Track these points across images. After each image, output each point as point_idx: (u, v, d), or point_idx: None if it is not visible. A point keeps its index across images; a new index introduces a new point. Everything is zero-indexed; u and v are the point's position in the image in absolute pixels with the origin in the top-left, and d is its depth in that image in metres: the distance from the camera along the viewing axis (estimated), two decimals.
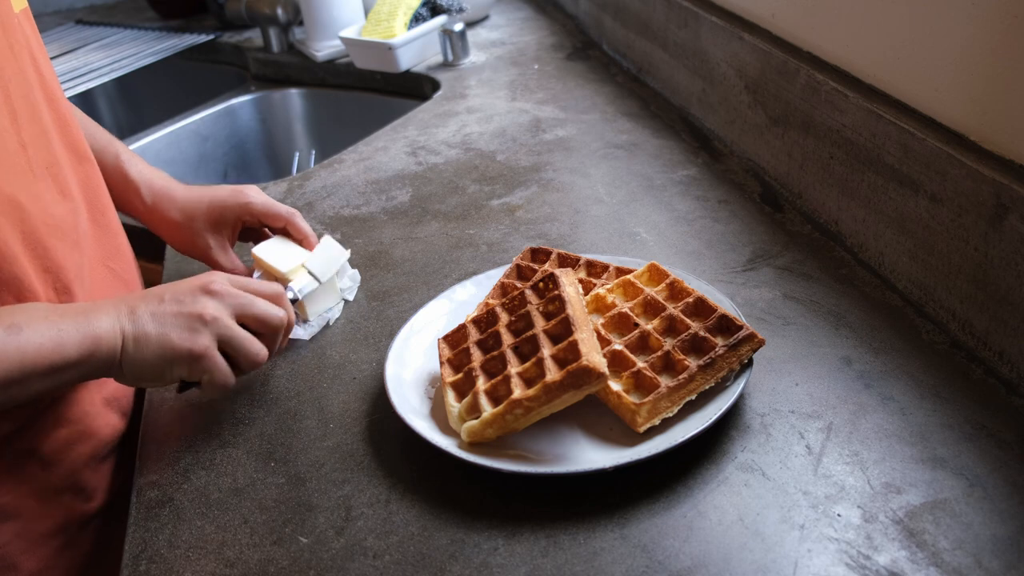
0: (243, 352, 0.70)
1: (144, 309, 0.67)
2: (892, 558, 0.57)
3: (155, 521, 0.68)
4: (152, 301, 0.68)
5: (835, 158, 0.90)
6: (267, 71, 1.78)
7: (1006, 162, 0.70)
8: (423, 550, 0.62)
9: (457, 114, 1.39)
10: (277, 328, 0.73)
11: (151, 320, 0.67)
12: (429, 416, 0.71)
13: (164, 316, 0.67)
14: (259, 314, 0.71)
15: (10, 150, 0.70)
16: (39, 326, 0.62)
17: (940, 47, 0.76)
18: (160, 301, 0.68)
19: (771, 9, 1.03)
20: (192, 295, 0.69)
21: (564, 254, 0.86)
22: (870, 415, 0.69)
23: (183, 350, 0.67)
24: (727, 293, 0.83)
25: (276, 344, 0.74)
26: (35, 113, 0.74)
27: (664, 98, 1.34)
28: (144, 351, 0.66)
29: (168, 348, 0.66)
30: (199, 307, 0.68)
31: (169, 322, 0.67)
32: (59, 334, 0.63)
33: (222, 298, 0.70)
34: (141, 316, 0.67)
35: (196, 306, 0.68)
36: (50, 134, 0.75)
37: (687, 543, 0.60)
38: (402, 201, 1.13)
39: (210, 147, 1.69)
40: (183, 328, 0.67)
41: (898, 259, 0.82)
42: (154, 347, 0.66)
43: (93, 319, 0.65)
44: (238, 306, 0.70)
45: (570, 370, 0.64)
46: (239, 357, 0.70)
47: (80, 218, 0.77)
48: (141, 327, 0.66)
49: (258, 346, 0.71)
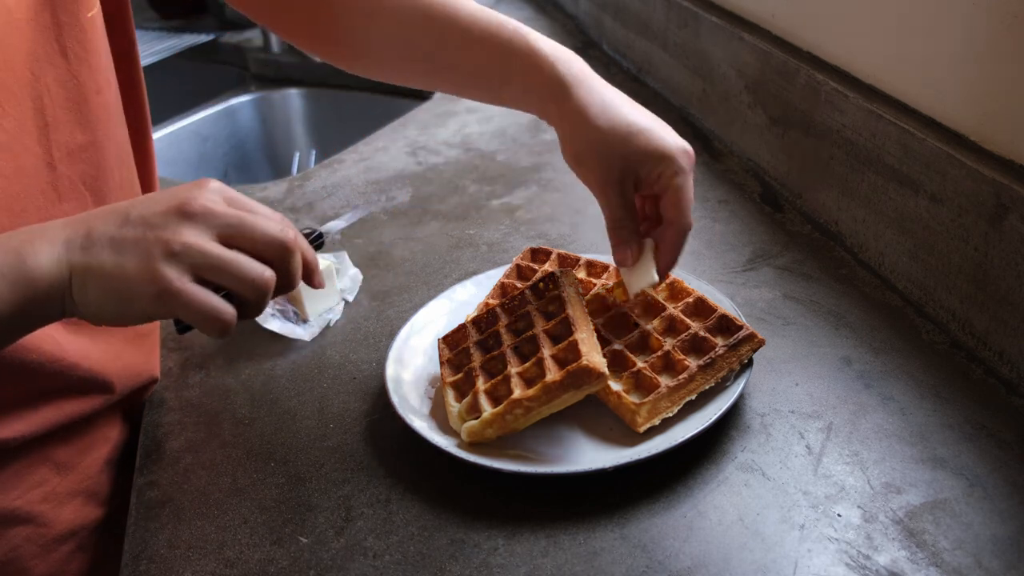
0: (236, 279, 0.54)
1: (102, 232, 0.53)
2: (892, 558, 0.57)
3: (155, 521, 0.68)
4: (113, 221, 0.54)
5: (835, 158, 0.90)
6: (267, 71, 1.78)
7: (1006, 162, 0.70)
8: (423, 550, 0.62)
9: (457, 114, 1.39)
10: (281, 245, 0.56)
11: (108, 247, 0.53)
12: (429, 416, 0.71)
13: (124, 242, 0.53)
14: (253, 233, 0.55)
15: (28, 172, 0.64)
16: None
17: (940, 47, 0.76)
18: (124, 222, 0.54)
19: (771, 9, 1.03)
20: (164, 216, 0.54)
21: (564, 254, 0.86)
22: (870, 415, 0.69)
23: (144, 286, 0.52)
24: (727, 293, 0.83)
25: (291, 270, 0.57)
26: (88, 123, 0.67)
27: (664, 98, 1.34)
28: (99, 287, 0.53)
29: (125, 284, 0.52)
30: (169, 232, 0.53)
31: (130, 250, 0.53)
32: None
33: (202, 219, 0.54)
34: (97, 241, 0.53)
35: (165, 232, 0.53)
36: (103, 144, 0.69)
37: (687, 543, 0.60)
38: (402, 201, 1.13)
39: (210, 147, 1.69)
40: (144, 258, 0.52)
41: (898, 259, 0.82)
42: (111, 282, 0.52)
43: (30, 256, 0.52)
44: (223, 227, 0.54)
45: (570, 370, 0.64)
46: (232, 287, 0.54)
47: None
48: (96, 257, 0.53)
49: (257, 268, 0.55)
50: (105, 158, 0.71)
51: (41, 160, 0.65)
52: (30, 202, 0.64)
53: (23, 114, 0.64)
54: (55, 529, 0.72)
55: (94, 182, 0.69)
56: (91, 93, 0.68)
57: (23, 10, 0.63)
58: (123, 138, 0.75)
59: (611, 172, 0.68)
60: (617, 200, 0.69)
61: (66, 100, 0.67)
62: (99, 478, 0.75)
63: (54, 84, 0.66)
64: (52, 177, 0.66)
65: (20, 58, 0.63)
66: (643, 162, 0.67)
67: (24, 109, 0.64)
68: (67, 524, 0.73)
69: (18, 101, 0.63)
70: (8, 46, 0.62)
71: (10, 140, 0.63)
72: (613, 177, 0.68)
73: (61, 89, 0.66)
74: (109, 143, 0.71)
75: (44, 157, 0.65)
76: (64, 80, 0.66)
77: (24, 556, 0.70)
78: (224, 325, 0.54)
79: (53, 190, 0.66)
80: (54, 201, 0.66)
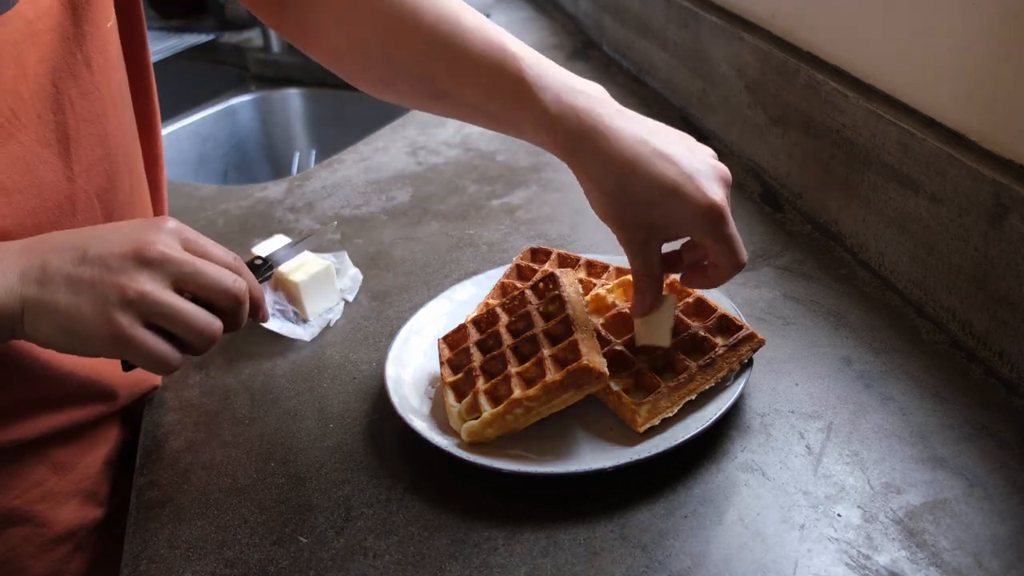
0: (186, 328, 0.55)
1: (58, 267, 0.53)
2: (892, 558, 0.57)
3: (155, 521, 0.68)
4: (70, 257, 0.54)
5: (835, 158, 0.90)
6: (267, 71, 1.78)
7: (1006, 162, 0.70)
8: (423, 550, 0.62)
9: None
10: (232, 297, 0.57)
11: (63, 285, 0.53)
12: (429, 416, 0.71)
13: (80, 282, 0.53)
14: (206, 283, 0.56)
15: (46, 186, 0.62)
16: None
17: (940, 47, 0.76)
18: (82, 259, 0.54)
19: (771, 9, 1.03)
20: (121, 260, 0.54)
21: (564, 254, 0.86)
22: (870, 415, 0.69)
23: (98, 329, 0.53)
24: (727, 293, 0.83)
25: (239, 317, 0.59)
26: (105, 135, 0.67)
27: (664, 98, 1.34)
28: (50, 323, 0.53)
29: (78, 323, 0.53)
30: (125, 278, 0.53)
31: (85, 292, 0.53)
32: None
33: (159, 266, 0.55)
34: (53, 278, 0.53)
35: (121, 277, 0.53)
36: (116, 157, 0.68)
37: (687, 543, 0.60)
38: (402, 201, 1.13)
39: (210, 147, 1.69)
40: (99, 302, 0.53)
41: (898, 259, 0.82)
42: (63, 321, 0.53)
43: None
44: (179, 275, 0.55)
45: (570, 370, 0.64)
46: (183, 335, 0.56)
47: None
48: (49, 294, 0.53)
49: (205, 319, 0.56)
50: (117, 169, 0.71)
51: (62, 175, 0.64)
52: (44, 216, 0.63)
53: (44, 128, 0.63)
54: (53, 529, 0.72)
55: (106, 195, 0.69)
56: (109, 105, 0.68)
57: (44, 20, 0.61)
58: (134, 148, 0.75)
59: (635, 237, 0.64)
60: (639, 261, 0.65)
61: (88, 113, 0.66)
62: (98, 478, 0.75)
63: (78, 97, 0.65)
64: (70, 191, 0.65)
65: (43, 70, 0.62)
66: (671, 227, 0.63)
67: (46, 122, 0.63)
68: (66, 524, 0.73)
69: (38, 114, 0.62)
70: (27, 57, 0.61)
71: (26, 153, 0.62)
72: (637, 240, 0.64)
73: (84, 101, 0.65)
74: (120, 153, 0.71)
75: (65, 172, 0.64)
76: (88, 91, 0.65)
77: (22, 556, 0.70)
78: (170, 369, 0.56)
79: (70, 204, 0.65)
80: (69, 215, 0.65)
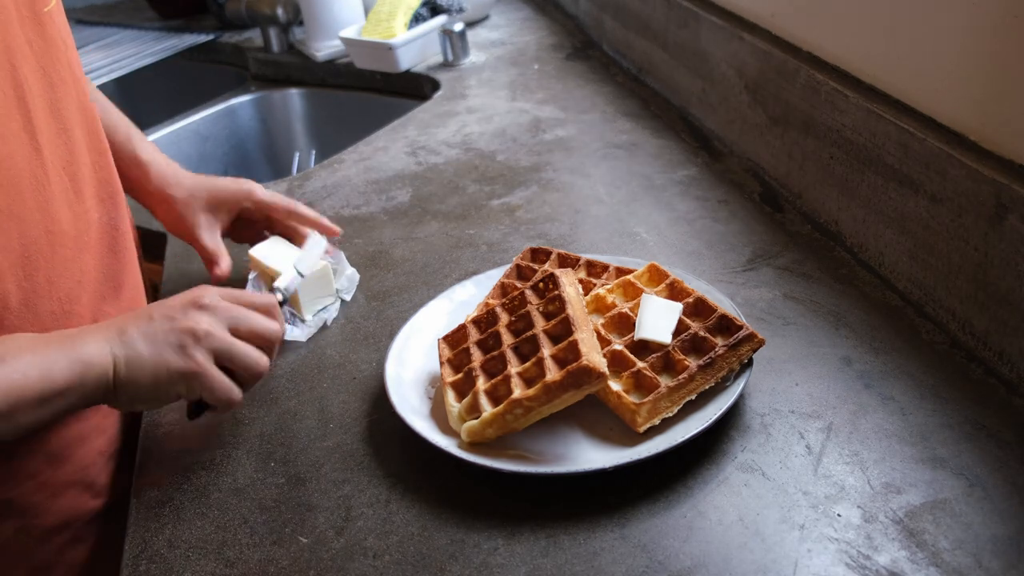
0: (243, 364, 0.68)
1: (134, 330, 0.65)
2: (892, 558, 0.57)
3: (155, 521, 0.68)
4: (142, 321, 0.66)
5: (835, 158, 0.90)
6: (267, 71, 1.78)
7: (1006, 162, 0.70)
8: (423, 550, 0.62)
9: (457, 114, 1.39)
10: (273, 341, 0.71)
11: (142, 340, 0.65)
12: (429, 416, 0.71)
13: (155, 335, 0.65)
14: (255, 327, 0.69)
15: (18, 156, 0.68)
16: (24, 356, 0.61)
17: (940, 47, 0.76)
18: (150, 320, 0.66)
19: (771, 9, 1.03)
20: (183, 310, 0.67)
21: (564, 254, 0.86)
22: (870, 415, 0.69)
23: (178, 368, 0.65)
24: (727, 293, 0.83)
25: (274, 355, 0.72)
26: (58, 110, 0.72)
27: (664, 98, 1.34)
28: (139, 373, 0.64)
29: (163, 367, 0.64)
30: (191, 322, 0.66)
31: (161, 340, 0.65)
32: (45, 362, 0.61)
33: (214, 312, 0.67)
34: (132, 337, 0.65)
35: (188, 321, 0.66)
36: (72, 131, 0.74)
37: (687, 543, 0.60)
38: (402, 201, 1.13)
39: (210, 147, 1.69)
40: (176, 345, 0.65)
41: (898, 259, 0.82)
42: (149, 368, 0.64)
43: (80, 345, 0.63)
44: (232, 319, 0.68)
45: (570, 370, 0.64)
46: (239, 370, 0.68)
47: (91, 220, 0.76)
48: (133, 348, 0.64)
49: (256, 355, 0.68)
50: (75, 144, 0.74)
51: (28, 146, 0.68)
52: (25, 184, 0.68)
53: (7, 102, 0.67)
54: (48, 520, 0.72)
55: (70, 167, 0.73)
56: (58, 82, 0.73)
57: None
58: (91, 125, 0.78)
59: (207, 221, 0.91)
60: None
61: (47, 89, 0.71)
62: (94, 469, 0.76)
63: (31, 75, 0.69)
64: (39, 161, 0.69)
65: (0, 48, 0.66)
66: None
67: (8, 98, 0.67)
68: (61, 515, 0.73)
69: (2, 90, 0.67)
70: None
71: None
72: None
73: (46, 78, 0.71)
74: (76, 129, 0.75)
75: (31, 143, 0.69)
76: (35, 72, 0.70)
77: (16, 547, 0.70)
78: (236, 406, 0.69)
79: (44, 173, 0.70)
80: (44, 184, 0.70)
